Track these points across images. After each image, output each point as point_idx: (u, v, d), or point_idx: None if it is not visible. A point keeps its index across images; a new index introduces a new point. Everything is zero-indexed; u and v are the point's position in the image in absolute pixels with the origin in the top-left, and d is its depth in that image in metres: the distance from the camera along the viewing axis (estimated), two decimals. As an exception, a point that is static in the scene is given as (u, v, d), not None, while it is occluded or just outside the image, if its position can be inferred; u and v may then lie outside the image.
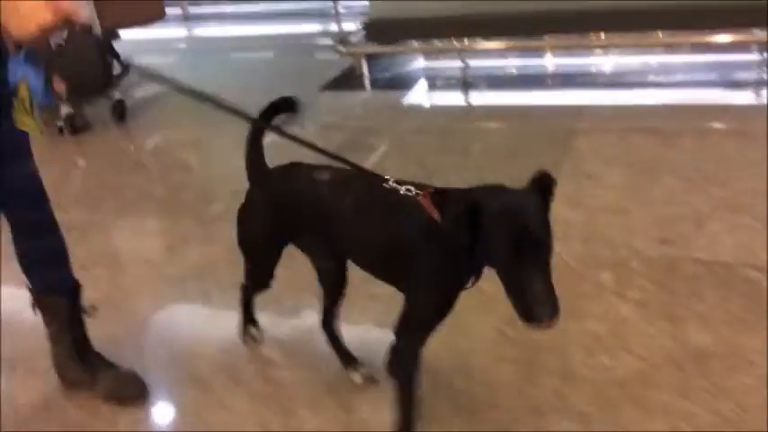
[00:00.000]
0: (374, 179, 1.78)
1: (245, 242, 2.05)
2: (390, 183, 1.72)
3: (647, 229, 2.80)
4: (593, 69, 5.01)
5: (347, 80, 5.11)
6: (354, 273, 2.00)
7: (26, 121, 1.89)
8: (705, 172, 3.18)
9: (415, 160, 3.65)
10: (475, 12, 4.67)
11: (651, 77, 4.72)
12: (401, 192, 1.69)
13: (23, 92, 1.87)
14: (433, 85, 5.06)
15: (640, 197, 3.05)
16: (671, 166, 3.29)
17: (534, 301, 1.44)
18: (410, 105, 4.76)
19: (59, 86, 1.79)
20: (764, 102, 4.09)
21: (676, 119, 3.90)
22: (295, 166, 1.99)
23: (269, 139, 1.97)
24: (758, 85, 4.35)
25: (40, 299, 2.19)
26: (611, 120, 4.02)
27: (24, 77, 1.86)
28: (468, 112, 4.64)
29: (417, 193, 1.68)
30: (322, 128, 4.04)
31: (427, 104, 4.88)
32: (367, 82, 5.11)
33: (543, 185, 1.53)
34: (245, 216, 2.03)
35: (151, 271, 2.96)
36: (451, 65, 5.13)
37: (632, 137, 3.70)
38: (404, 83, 5.05)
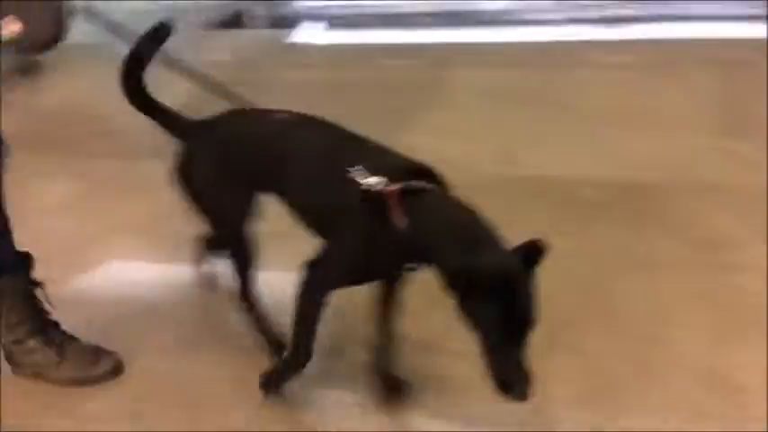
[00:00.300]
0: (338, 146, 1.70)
1: (202, 201, 1.85)
2: (354, 173, 1.59)
3: (494, 152, 3.04)
4: (473, 8, 5.23)
5: (233, 20, 5.20)
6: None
7: None
8: (562, 101, 3.52)
9: (298, 97, 3.65)
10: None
11: (527, 16, 5.01)
12: (362, 188, 1.56)
13: None
14: (319, 24, 5.20)
15: (495, 125, 3.34)
16: (531, 96, 3.61)
17: (515, 380, 1.44)
18: (294, 44, 4.87)
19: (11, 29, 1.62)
20: (611, 37, 4.47)
21: (548, 55, 4.23)
22: (242, 110, 1.95)
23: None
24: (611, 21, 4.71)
25: None
26: (487, 56, 4.31)
27: None
28: (353, 49, 4.75)
29: (383, 191, 1.55)
30: (204, 66, 4.11)
31: (312, 42, 4.98)
32: (253, 21, 5.23)
33: (533, 255, 1.45)
34: (196, 172, 1.84)
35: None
36: (336, 4, 5.27)
37: (506, 71, 4.00)
38: (288, 22, 5.17)
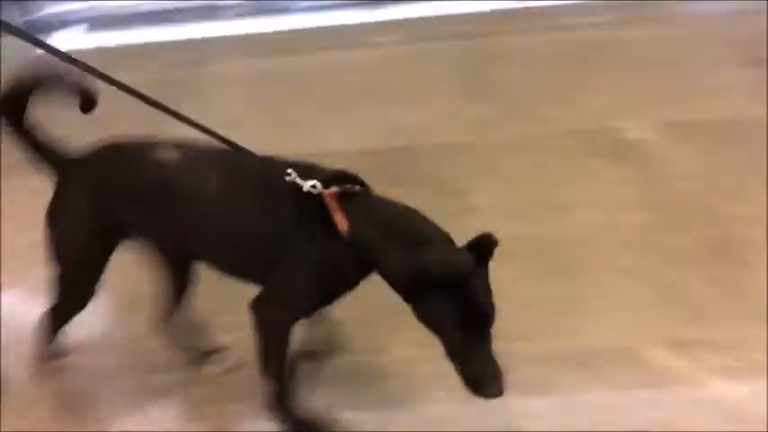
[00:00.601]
0: (251, 159, 1.57)
1: (62, 248, 1.64)
2: (293, 176, 1.49)
3: (263, 137, 3.19)
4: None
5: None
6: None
7: None
8: (332, 83, 3.75)
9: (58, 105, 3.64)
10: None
11: (290, 5, 5.15)
12: (304, 189, 1.48)
13: None
14: (79, 27, 5.03)
15: (264, 111, 3.50)
16: (300, 81, 3.82)
17: (486, 377, 1.40)
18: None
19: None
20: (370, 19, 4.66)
21: (310, 41, 4.40)
22: (121, 144, 1.65)
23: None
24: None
25: None
26: (250, 45, 4.41)
27: None
28: (116, 51, 4.67)
29: (321, 193, 1.48)
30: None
31: (72, 47, 4.81)
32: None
33: (484, 249, 1.42)
34: (60, 216, 1.63)
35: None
36: (94, 5, 5.14)
37: (272, 59, 4.16)
38: (46, 26, 4.96)
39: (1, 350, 2.05)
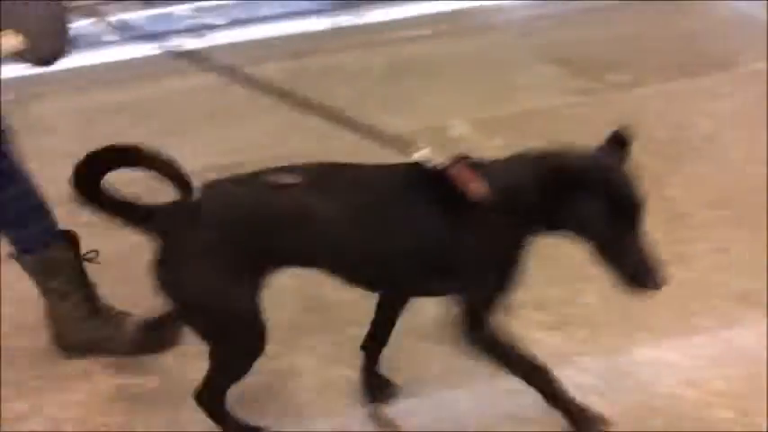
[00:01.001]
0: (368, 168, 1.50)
1: (212, 307, 1.45)
2: (417, 155, 1.45)
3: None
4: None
5: None
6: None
7: None
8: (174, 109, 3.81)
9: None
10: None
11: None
12: (430, 165, 1.43)
13: None
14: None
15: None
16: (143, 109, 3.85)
17: (643, 271, 1.39)
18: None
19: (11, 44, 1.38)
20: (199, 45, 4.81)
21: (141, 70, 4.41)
22: (226, 180, 1.52)
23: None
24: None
25: (35, 256, 1.91)
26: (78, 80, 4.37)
27: None
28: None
29: (447, 167, 1.43)
30: None
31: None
32: None
33: (621, 142, 1.43)
34: (195, 275, 1.43)
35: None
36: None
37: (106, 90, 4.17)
38: None
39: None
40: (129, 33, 4.34)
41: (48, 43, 1.52)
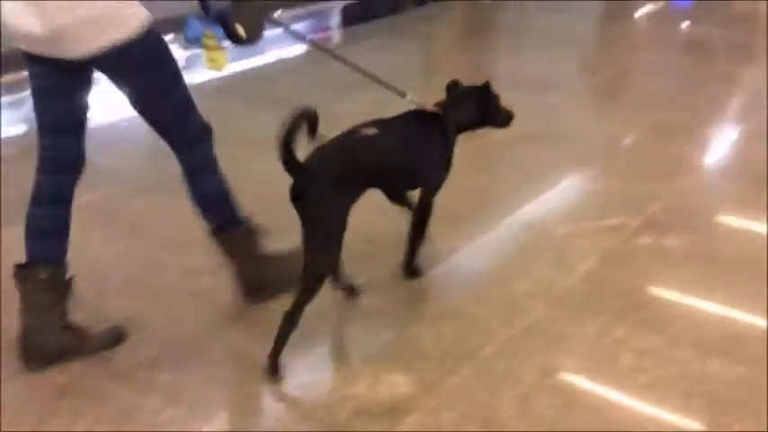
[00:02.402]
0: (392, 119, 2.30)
1: (333, 219, 2.07)
2: (409, 98, 2.35)
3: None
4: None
5: None
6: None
7: (216, 58, 2.30)
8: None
9: None
10: None
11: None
12: (411, 101, 2.34)
13: (209, 39, 2.26)
14: None
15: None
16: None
17: (507, 116, 2.57)
18: None
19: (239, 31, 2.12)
20: None
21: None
22: (334, 139, 2.16)
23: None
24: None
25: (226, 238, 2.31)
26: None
27: (206, 30, 2.26)
28: None
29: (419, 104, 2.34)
30: None
31: None
32: None
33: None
34: (326, 202, 2.05)
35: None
36: None
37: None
38: None
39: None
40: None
41: (254, 31, 2.17)
